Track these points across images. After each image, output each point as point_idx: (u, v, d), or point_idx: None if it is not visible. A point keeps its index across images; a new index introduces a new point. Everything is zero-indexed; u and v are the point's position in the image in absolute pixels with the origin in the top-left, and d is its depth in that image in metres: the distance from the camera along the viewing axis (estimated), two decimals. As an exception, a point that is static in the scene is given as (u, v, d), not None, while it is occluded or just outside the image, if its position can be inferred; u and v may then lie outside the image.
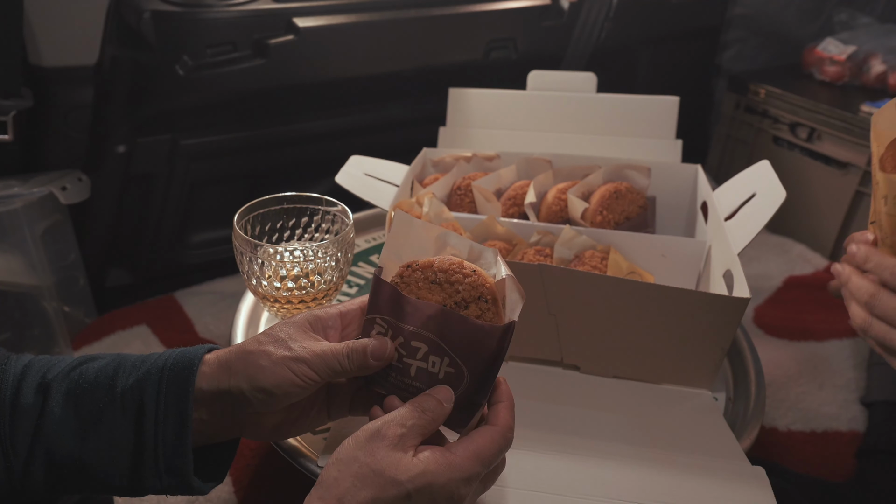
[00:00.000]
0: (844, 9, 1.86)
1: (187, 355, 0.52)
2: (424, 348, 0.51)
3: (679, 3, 1.67)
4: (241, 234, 0.72)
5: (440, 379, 0.51)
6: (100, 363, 0.53)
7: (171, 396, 0.50)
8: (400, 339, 0.52)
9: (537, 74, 1.08)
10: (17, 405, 0.50)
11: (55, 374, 0.51)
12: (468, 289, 0.51)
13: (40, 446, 0.49)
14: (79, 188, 1.23)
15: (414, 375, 0.52)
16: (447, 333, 0.51)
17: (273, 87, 1.30)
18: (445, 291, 0.52)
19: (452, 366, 0.51)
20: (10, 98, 1.11)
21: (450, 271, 0.52)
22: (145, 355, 0.53)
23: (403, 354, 0.52)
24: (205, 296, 1.39)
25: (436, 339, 0.51)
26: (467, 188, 0.91)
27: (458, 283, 0.52)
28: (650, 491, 0.59)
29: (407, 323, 0.52)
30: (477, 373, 0.51)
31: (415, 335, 0.52)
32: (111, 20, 1.15)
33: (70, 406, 0.50)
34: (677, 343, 0.70)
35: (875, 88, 1.69)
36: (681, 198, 0.95)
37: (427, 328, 0.51)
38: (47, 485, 0.50)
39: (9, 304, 1.17)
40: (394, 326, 0.53)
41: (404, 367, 0.52)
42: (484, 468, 0.47)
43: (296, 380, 0.50)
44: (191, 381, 0.50)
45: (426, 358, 0.52)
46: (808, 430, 1.04)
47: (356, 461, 0.45)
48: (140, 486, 0.50)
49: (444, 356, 0.51)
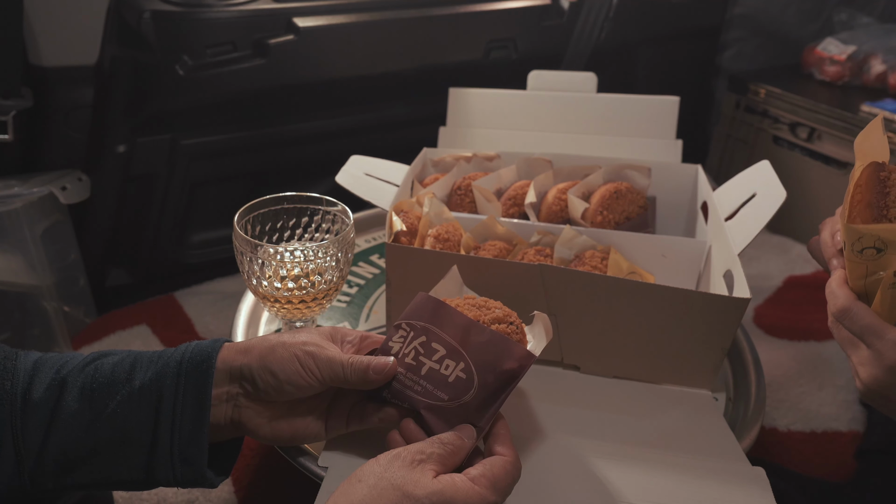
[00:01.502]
0: (844, 9, 1.85)
1: (205, 347, 0.54)
2: (442, 351, 0.55)
3: (679, 3, 1.67)
4: (242, 234, 0.72)
5: (449, 382, 0.53)
6: (115, 358, 0.54)
7: (189, 386, 0.51)
8: (422, 338, 0.55)
9: (537, 74, 1.08)
10: (28, 399, 0.50)
11: (70, 370, 0.52)
12: (500, 314, 0.58)
13: (54, 440, 0.50)
14: (79, 188, 1.23)
15: (424, 374, 0.54)
16: (470, 341, 0.55)
17: (273, 87, 1.30)
18: (481, 311, 0.58)
19: (465, 371, 0.54)
20: (10, 98, 1.11)
21: (488, 303, 0.60)
22: (161, 351, 0.55)
23: (421, 353, 0.55)
24: (205, 296, 1.39)
25: (456, 346, 0.55)
26: (467, 188, 0.91)
27: (494, 308, 0.59)
28: (650, 491, 0.59)
29: (435, 326, 0.56)
30: (486, 386, 0.53)
31: (438, 338, 0.55)
32: (111, 20, 1.15)
33: (86, 400, 0.51)
34: (677, 343, 0.70)
35: (875, 88, 1.69)
36: (681, 198, 0.95)
37: (452, 335, 0.55)
38: (57, 478, 0.50)
39: (9, 304, 1.17)
40: (418, 329, 0.56)
41: (417, 364, 0.55)
42: (498, 498, 0.48)
43: (301, 371, 0.52)
44: (210, 371, 0.52)
45: (441, 360, 0.54)
46: (808, 430, 1.04)
47: (374, 475, 0.46)
48: (152, 478, 0.51)
49: (460, 361, 0.54)
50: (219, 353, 0.53)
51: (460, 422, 0.52)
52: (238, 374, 0.53)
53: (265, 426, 0.54)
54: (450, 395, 0.53)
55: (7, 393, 0.50)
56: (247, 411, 0.54)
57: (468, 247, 0.79)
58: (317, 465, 0.61)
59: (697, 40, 1.80)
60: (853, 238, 0.52)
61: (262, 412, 0.54)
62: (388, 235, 0.77)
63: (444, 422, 0.53)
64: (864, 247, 0.51)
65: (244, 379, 0.53)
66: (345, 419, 0.57)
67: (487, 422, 0.52)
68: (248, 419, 0.54)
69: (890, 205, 0.51)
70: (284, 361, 0.52)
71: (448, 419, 0.53)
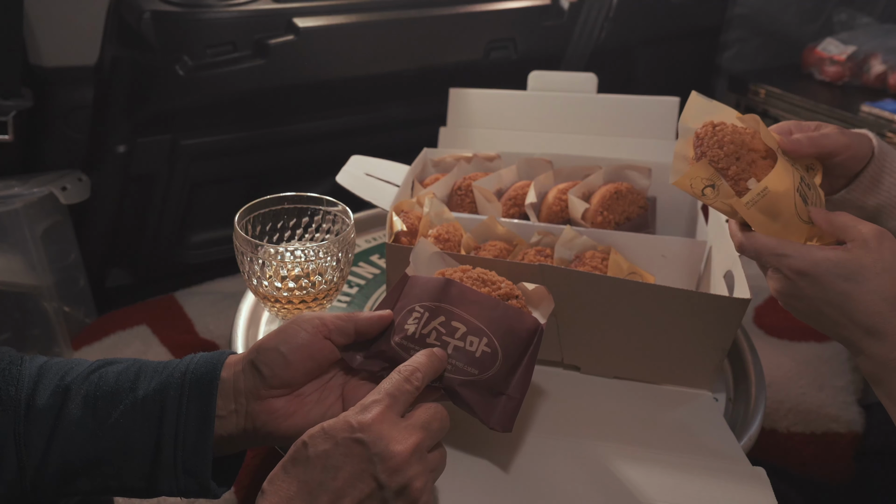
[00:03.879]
0: (844, 9, 1.86)
1: (210, 359, 0.53)
2: (463, 329, 0.57)
3: (679, 3, 1.67)
4: (242, 234, 0.72)
5: (477, 357, 0.56)
6: (119, 367, 0.53)
7: (193, 397, 0.51)
8: (441, 318, 0.57)
9: (538, 75, 1.08)
10: (32, 406, 0.50)
11: (74, 377, 0.52)
12: (507, 289, 0.62)
13: (56, 447, 0.50)
14: (79, 188, 1.23)
15: (451, 354, 0.56)
16: (488, 315, 0.58)
17: (273, 87, 1.30)
18: (489, 287, 0.62)
19: (489, 346, 0.57)
20: (11, 98, 1.11)
21: (489, 276, 0.63)
22: (166, 361, 0.54)
23: (443, 333, 0.57)
24: (205, 296, 1.39)
25: (476, 322, 0.57)
26: (468, 188, 0.91)
27: (498, 282, 0.63)
28: (651, 491, 0.59)
29: (449, 304, 0.58)
30: (509, 357, 0.57)
31: (456, 316, 0.57)
32: (111, 20, 1.15)
33: (89, 408, 0.51)
34: (678, 344, 0.70)
35: (875, 88, 1.69)
36: (681, 198, 0.95)
37: (470, 311, 0.58)
38: (59, 485, 0.50)
39: (9, 304, 1.17)
40: (433, 309, 0.58)
41: (442, 344, 0.56)
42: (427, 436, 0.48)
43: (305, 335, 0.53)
44: (214, 383, 0.51)
45: (464, 337, 0.57)
46: (808, 431, 1.04)
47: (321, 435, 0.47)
48: (154, 487, 0.51)
49: (483, 336, 0.57)
50: (223, 365, 0.53)
51: (490, 392, 0.56)
52: (242, 378, 0.52)
53: (282, 425, 0.53)
54: (479, 370, 0.56)
55: (11, 399, 0.50)
56: (260, 416, 0.52)
57: (468, 247, 0.79)
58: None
59: (697, 40, 1.80)
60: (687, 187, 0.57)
61: (276, 411, 0.53)
62: (389, 235, 0.77)
63: (479, 395, 0.56)
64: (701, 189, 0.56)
65: (249, 379, 0.52)
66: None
67: (514, 389, 0.56)
68: (262, 423, 0.52)
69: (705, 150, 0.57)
70: (286, 334, 0.53)
71: (483, 393, 0.56)
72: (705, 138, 0.57)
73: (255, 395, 0.52)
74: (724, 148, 0.56)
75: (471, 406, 0.55)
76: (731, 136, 0.57)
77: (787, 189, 0.55)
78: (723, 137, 0.57)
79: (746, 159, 0.57)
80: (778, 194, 0.55)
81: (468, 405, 0.55)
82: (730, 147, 0.56)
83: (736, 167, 0.56)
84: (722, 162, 0.56)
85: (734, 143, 0.57)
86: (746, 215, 0.56)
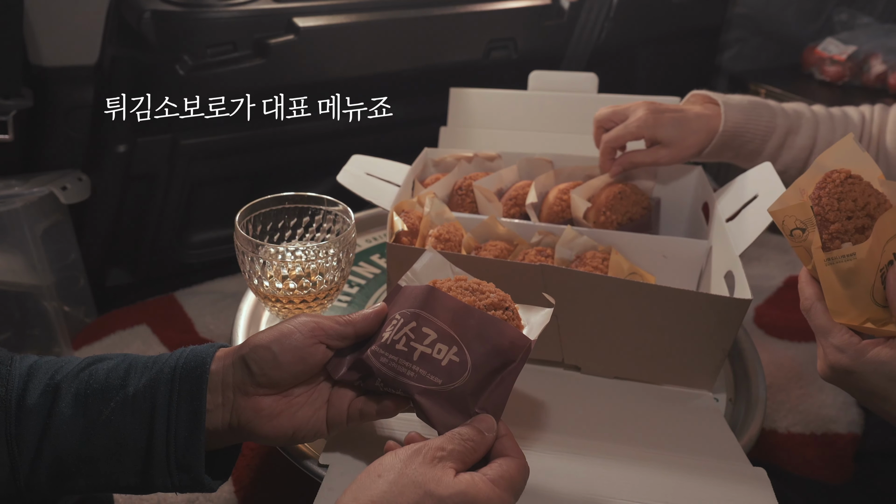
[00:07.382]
0: (844, 9, 1.86)
1: (199, 353, 0.53)
2: (433, 336, 0.54)
3: (679, 3, 1.67)
4: (243, 234, 0.72)
5: (443, 366, 0.53)
6: (109, 364, 0.53)
7: (184, 392, 0.51)
8: (413, 323, 0.54)
9: (538, 75, 1.08)
10: (23, 405, 0.50)
11: (64, 375, 0.52)
12: (495, 299, 0.57)
13: (48, 446, 0.49)
14: (79, 188, 1.23)
15: (416, 360, 0.53)
16: (461, 324, 0.54)
17: (273, 87, 1.30)
18: (475, 296, 0.58)
19: (458, 355, 0.53)
20: (11, 98, 1.11)
21: (481, 286, 0.59)
22: (156, 356, 0.54)
23: (412, 338, 0.54)
24: (205, 296, 1.38)
25: (448, 330, 0.54)
26: (468, 188, 0.91)
27: (488, 292, 0.58)
28: (651, 492, 0.59)
29: (425, 311, 0.55)
30: (479, 370, 0.53)
31: (429, 322, 0.54)
32: (111, 20, 1.15)
33: (80, 406, 0.50)
34: (678, 344, 0.70)
35: (875, 88, 1.69)
36: (682, 199, 0.95)
37: (444, 319, 0.54)
38: (52, 484, 0.50)
39: (9, 304, 1.17)
40: (408, 315, 0.55)
41: (409, 350, 0.54)
42: (513, 500, 0.47)
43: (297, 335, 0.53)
44: (204, 377, 0.51)
45: (433, 345, 0.54)
46: (808, 432, 1.04)
47: (394, 470, 0.45)
48: (149, 483, 0.51)
49: (453, 345, 0.53)
50: (213, 359, 0.53)
51: (455, 406, 0.52)
52: (231, 372, 0.52)
53: (266, 425, 0.53)
54: (444, 379, 0.52)
55: (1, 399, 0.50)
56: (245, 413, 0.52)
57: (469, 247, 0.79)
58: (317, 465, 0.61)
59: (697, 40, 1.80)
60: (779, 221, 0.54)
61: (262, 410, 0.53)
62: (390, 235, 0.77)
63: (438, 406, 0.52)
64: (790, 229, 0.53)
65: (238, 373, 0.52)
66: (344, 414, 0.56)
67: (483, 406, 0.52)
68: (247, 420, 0.53)
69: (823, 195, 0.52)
70: (280, 334, 0.53)
71: (443, 403, 0.52)
72: (830, 184, 0.52)
73: (243, 391, 0.52)
74: (842, 202, 0.52)
75: (429, 418, 0.52)
76: (856, 195, 0.52)
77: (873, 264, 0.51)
78: (848, 191, 0.52)
79: (857, 224, 0.52)
80: (862, 263, 0.50)
81: (427, 416, 0.52)
82: (848, 204, 0.52)
83: (840, 225, 0.51)
84: (831, 214, 0.51)
85: (856, 202, 0.52)
86: (821, 271, 0.52)
